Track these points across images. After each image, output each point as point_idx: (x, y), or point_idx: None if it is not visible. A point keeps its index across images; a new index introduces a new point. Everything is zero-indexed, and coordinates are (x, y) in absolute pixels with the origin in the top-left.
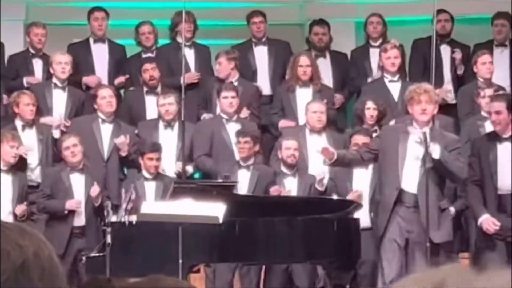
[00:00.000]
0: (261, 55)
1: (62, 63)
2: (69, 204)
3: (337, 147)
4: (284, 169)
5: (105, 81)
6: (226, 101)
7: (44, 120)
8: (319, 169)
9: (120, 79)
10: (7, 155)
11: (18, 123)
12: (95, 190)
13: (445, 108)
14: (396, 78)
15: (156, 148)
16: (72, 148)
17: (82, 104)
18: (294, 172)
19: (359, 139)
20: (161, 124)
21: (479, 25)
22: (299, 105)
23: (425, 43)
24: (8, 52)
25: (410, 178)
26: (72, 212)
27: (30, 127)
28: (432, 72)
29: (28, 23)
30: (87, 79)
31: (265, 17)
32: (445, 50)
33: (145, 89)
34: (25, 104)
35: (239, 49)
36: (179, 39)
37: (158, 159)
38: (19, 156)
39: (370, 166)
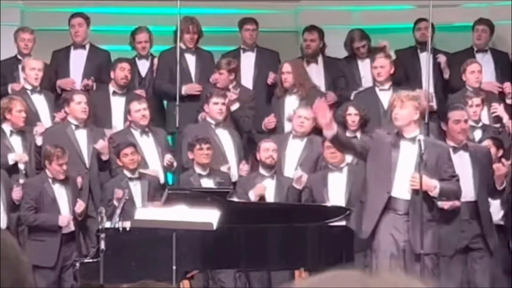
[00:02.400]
0: (248, 62)
1: (35, 69)
2: (62, 221)
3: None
4: (262, 171)
5: (79, 86)
6: (216, 107)
7: (36, 128)
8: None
9: (86, 82)
10: None
11: (7, 128)
12: (80, 206)
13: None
14: (387, 87)
15: (130, 143)
16: (131, 156)
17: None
18: (272, 174)
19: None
20: (135, 132)
21: (460, 33)
22: (286, 112)
23: (406, 53)
24: (3, 57)
25: (402, 184)
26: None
27: (17, 133)
28: (430, 77)
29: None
30: (61, 82)
31: (258, 25)
32: (426, 58)
33: (111, 89)
34: (18, 110)
35: (230, 57)
36: (182, 45)
37: (134, 153)
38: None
39: (345, 169)
